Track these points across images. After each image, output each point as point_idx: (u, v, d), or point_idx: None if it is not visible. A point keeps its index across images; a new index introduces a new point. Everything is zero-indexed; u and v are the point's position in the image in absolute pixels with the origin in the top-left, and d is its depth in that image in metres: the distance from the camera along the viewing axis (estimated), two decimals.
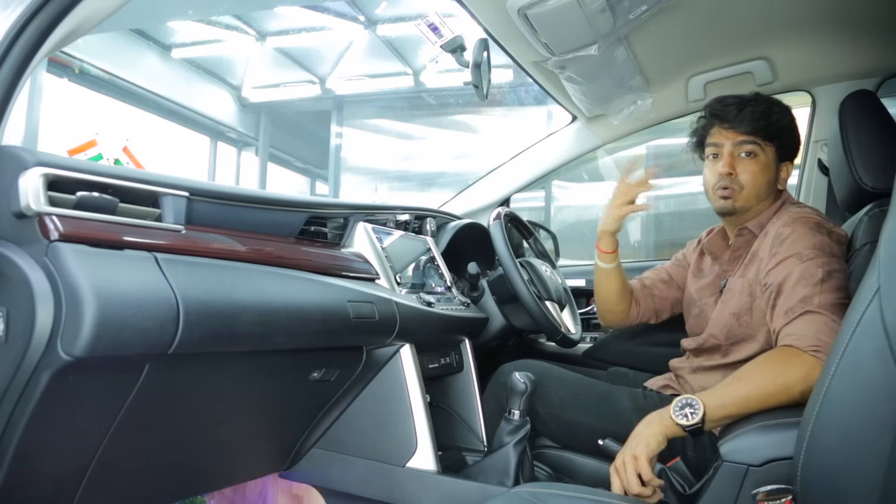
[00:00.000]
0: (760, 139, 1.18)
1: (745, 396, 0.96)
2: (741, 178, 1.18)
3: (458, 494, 1.15)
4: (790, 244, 1.07)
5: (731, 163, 1.19)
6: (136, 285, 0.73)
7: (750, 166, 1.18)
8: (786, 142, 1.20)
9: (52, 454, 0.79)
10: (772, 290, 1.06)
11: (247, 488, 1.41)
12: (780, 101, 1.22)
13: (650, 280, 1.47)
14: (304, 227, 1.14)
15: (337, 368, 1.14)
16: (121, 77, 5.46)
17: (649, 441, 0.97)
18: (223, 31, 6.11)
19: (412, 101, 7.00)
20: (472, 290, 1.60)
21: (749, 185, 1.18)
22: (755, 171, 1.18)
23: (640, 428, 1.01)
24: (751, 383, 0.97)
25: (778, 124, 1.19)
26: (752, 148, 1.18)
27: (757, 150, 1.18)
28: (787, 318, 1.01)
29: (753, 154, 1.18)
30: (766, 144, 1.19)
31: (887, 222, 0.61)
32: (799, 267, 1.03)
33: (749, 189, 1.19)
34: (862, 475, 0.59)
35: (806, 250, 1.04)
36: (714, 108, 1.23)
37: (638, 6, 1.26)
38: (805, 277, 1.02)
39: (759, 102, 1.20)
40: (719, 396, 0.98)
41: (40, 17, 0.73)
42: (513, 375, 1.21)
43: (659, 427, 0.98)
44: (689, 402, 0.97)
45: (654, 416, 1.01)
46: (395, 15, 5.79)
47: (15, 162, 0.73)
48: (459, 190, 2.14)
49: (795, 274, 1.03)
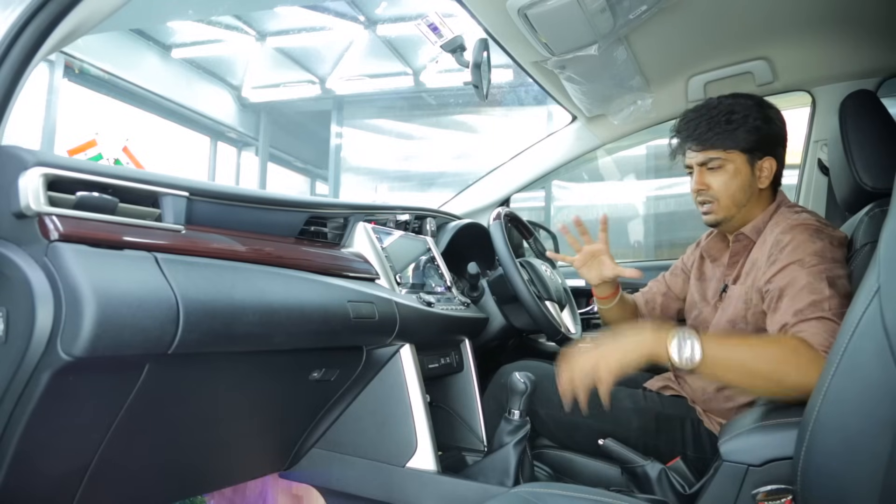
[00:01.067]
0: (720, 150, 1.17)
1: (742, 364, 0.92)
2: (713, 191, 1.19)
3: (458, 494, 1.15)
4: (790, 251, 1.05)
5: (700, 179, 1.19)
6: (136, 285, 0.73)
7: (718, 177, 1.18)
8: (752, 142, 1.17)
9: (52, 454, 0.79)
10: (773, 296, 1.04)
11: (247, 488, 1.41)
12: (742, 99, 1.19)
13: (651, 294, 1.45)
14: (304, 227, 1.14)
15: (337, 368, 1.14)
16: (121, 77, 5.46)
17: (629, 359, 0.92)
18: (223, 31, 6.11)
19: (412, 101, 7.01)
20: (472, 290, 1.60)
21: (722, 196, 1.18)
22: (724, 181, 1.18)
23: (628, 338, 0.95)
24: (755, 355, 0.93)
25: (736, 129, 1.16)
26: (714, 162, 1.18)
27: (720, 162, 1.17)
28: (798, 318, 0.98)
29: (718, 166, 1.18)
30: (729, 152, 1.17)
31: (887, 222, 0.61)
32: (802, 273, 1.01)
33: (723, 199, 1.18)
34: (862, 475, 0.59)
35: (807, 257, 1.02)
36: (678, 127, 1.23)
37: (638, 6, 1.26)
38: (811, 283, 0.99)
39: (715, 111, 1.18)
40: (721, 352, 0.92)
41: (40, 17, 0.73)
42: (513, 375, 1.21)
43: (648, 348, 0.93)
44: (691, 342, 0.91)
45: (648, 336, 0.94)
46: (395, 15, 5.80)
47: (15, 162, 0.73)
48: (459, 190, 2.14)
49: (801, 280, 1.01)
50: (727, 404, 1.17)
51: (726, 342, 0.97)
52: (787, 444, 0.78)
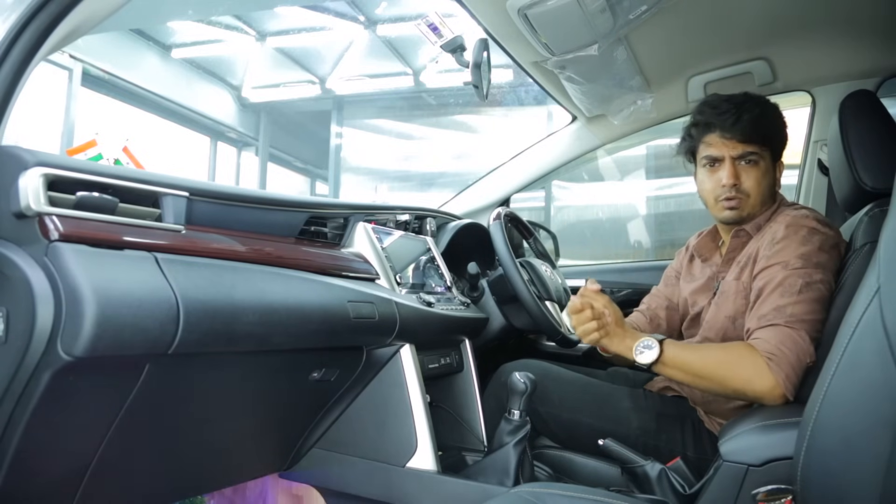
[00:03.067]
0: (759, 146, 1.15)
1: (695, 367, 1.06)
2: (745, 187, 1.16)
3: (458, 494, 1.15)
4: (779, 250, 1.07)
5: (734, 172, 1.16)
6: (136, 285, 0.73)
7: (753, 174, 1.16)
8: (778, 142, 1.19)
9: (52, 454, 0.79)
10: (753, 297, 1.08)
11: (247, 488, 1.41)
12: (768, 100, 1.20)
13: (653, 312, 1.42)
14: (304, 227, 1.14)
15: (337, 368, 1.14)
16: (121, 77, 5.46)
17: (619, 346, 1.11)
18: (223, 31, 6.11)
19: (412, 101, 7.00)
20: (472, 290, 1.60)
21: (754, 193, 1.16)
22: (758, 178, 1.16)
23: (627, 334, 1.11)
24: (707, 359, 1.06)
25: (771, 127, 1.18)
26: (754, 156, 1.16)
27: (758, 158, 1.16)
28: (758, 324, 1.03)
29: (755, 162, 1.16)
30: (764, 149, 1.16)
31: (887, 222, 0.61)
32: (781, 275, 1.04)
33: (755, 196, 1.16)
34: (862, 475, 0.59)
35: (793, 259, 1.05)
36: (708, 116, 1.18)
37: (638, 6, 1.26)
38: (783, 286, 1.03)
39: (753, 106, 1.16)
40: (679, 355, 1.07)
41: (40, 17, 0.73)
42: (513, 375, 1.21)
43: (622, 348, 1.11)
44: (649, 345, 1.07)
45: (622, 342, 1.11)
46: (395, 15, 5.80)
47: (15, 162, 0.73)
48: (459, 190, 2.14)
49: (775, 282, 1.05)
50: (728, 405, 1.17)
51: (684, 347, 1.11)
52: (787, 444, 0.78)
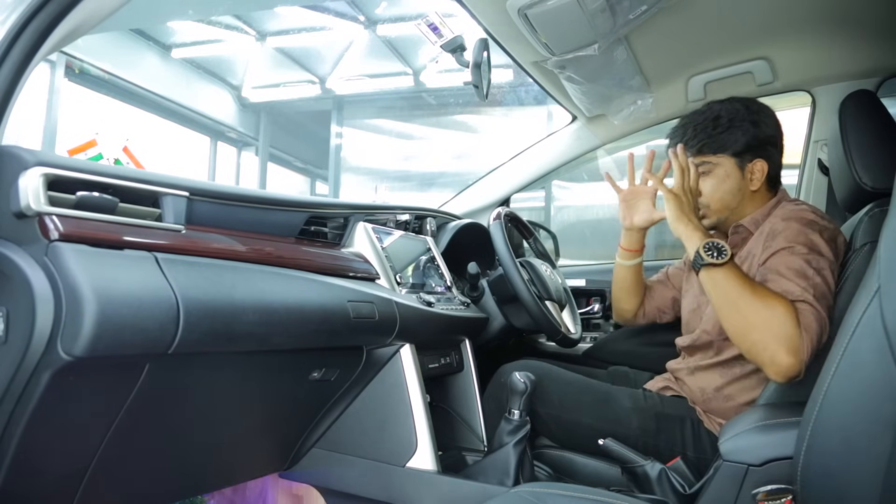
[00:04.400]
0: (708, 155, 1.22)
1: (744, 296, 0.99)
2: (703, 197, 1.23)
3: (458, 494, 1.15)
4: (782, 239, 1.08)
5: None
6: (137, 285, 0.73)
7: (707, 183, 1.23)
8: (740, 145, 1.20)
9: (52, 454, 0.79)
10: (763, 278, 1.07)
11: (247, 488, 1.41)
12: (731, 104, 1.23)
13: (651, 282, 1.51)
14: (304, 227, 1.14)
15: (337, 368, 1.14)
16: (121, 77, 5.45)
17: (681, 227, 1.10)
18: (223, 31, 6.10)
19: (412, 101, 6.99)
20: (472, 290, 1.60)
21: (712, 200, 1.23)
22: (713, 186, 1.23)
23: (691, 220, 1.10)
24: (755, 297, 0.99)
25: (721, 134, 1.20)
26: (704, 167, 1.23)
27: (708, 167, 1.22)
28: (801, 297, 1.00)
29: (707, 171, 1.23)
30: (717, 157, 1.21)
31: (887, 222, 0.61)
32: (791, 258, 1.05)
33: (713, 203, 1.23)
34: (862, 475, 0.59)
35: (798, 245, 1.06)
36: (670, 135, 1.29)
37: (638, 6, 1.26)
38: (797, 269, 1.03)
39: (701, 117, 1.23)
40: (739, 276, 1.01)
41: (40, 17, 0.73)
42: (513, 375, 1.21)
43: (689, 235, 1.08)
44: (721, 248, 1.03)
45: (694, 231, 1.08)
46: (395, 15, 5.79)
47: (15, 162, 0.73)
48: (459, 190, 2.14)
49: (787, 264, 1.04)
50: (727, 404, 1.17)
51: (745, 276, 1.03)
52: (787, 444, 0.78)
